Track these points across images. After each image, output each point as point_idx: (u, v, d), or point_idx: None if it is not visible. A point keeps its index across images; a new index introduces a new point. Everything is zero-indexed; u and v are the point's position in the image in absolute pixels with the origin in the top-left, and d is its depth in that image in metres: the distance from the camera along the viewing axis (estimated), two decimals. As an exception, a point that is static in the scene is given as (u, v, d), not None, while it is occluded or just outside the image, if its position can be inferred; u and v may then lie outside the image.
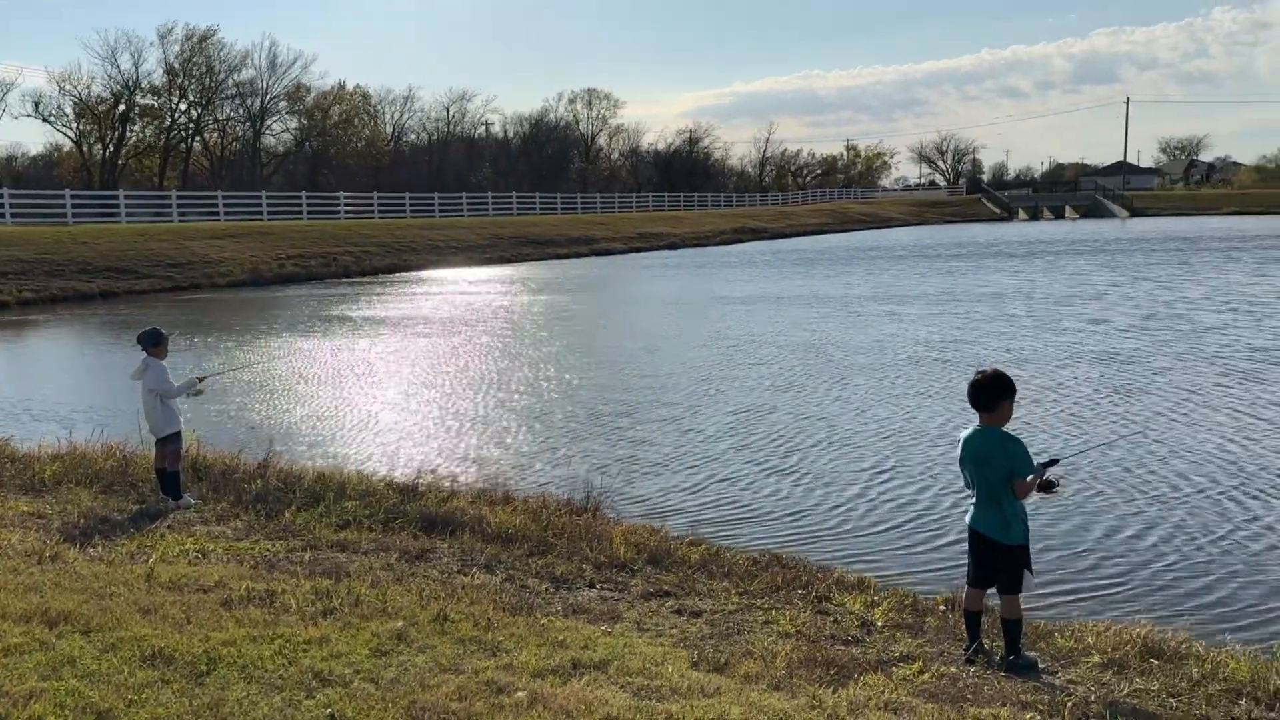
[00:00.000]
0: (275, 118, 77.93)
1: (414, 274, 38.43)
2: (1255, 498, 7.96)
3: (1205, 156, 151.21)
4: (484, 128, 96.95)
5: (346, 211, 50.75)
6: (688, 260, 44.70)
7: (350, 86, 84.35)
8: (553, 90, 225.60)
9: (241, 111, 75.52)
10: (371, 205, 52.37)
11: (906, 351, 15.95)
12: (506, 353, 17.13)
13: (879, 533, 7.49)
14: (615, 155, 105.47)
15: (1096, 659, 4.71)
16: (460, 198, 59.30)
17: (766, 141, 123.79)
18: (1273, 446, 9.48)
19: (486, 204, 60.86)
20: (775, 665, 4.43)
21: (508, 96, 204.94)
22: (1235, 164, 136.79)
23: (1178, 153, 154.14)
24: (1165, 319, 19.05)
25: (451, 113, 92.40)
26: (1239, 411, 11.01)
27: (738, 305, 24.03)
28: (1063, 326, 18.45)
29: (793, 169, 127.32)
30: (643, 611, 5.34)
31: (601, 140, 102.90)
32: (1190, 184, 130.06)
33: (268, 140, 78.77)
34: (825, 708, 3.96)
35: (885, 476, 8.92)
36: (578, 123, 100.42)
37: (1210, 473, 8.68)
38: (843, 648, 4.83)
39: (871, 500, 8.26)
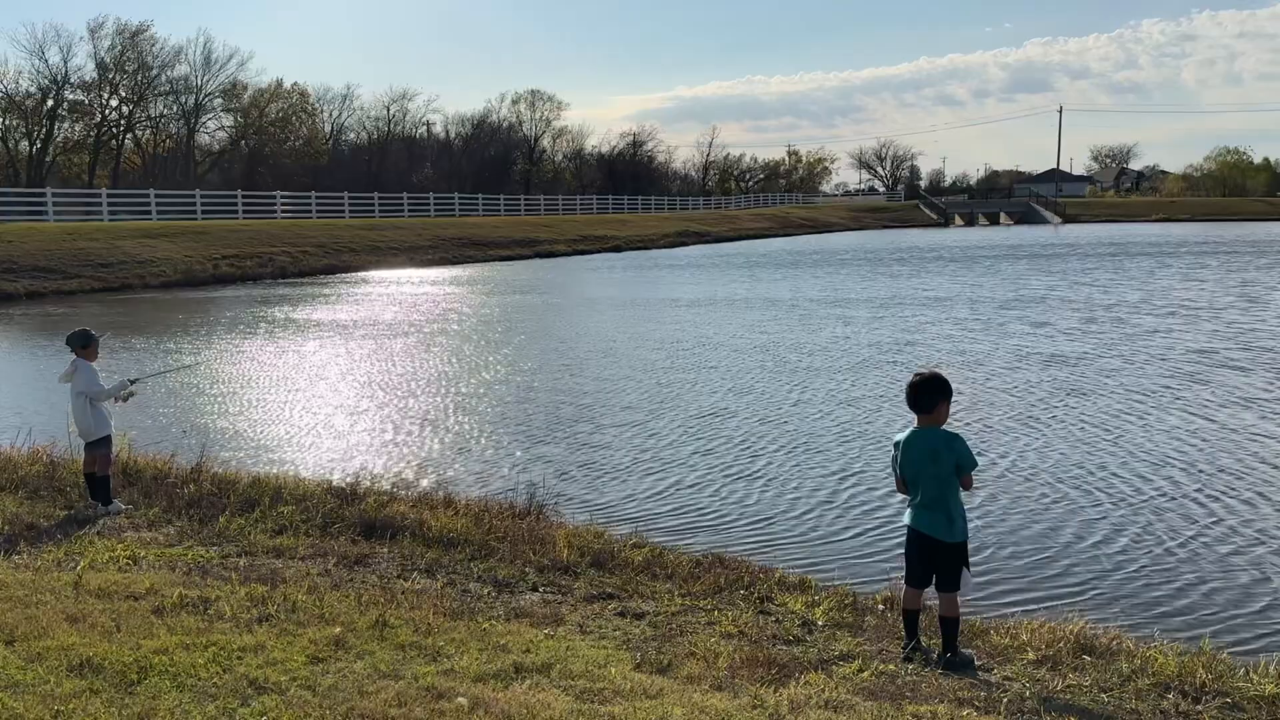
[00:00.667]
0: (210, 115, 76.44)
1: (353, 275, 37.93)
2: (1185, 498, 8.18)
3: (1135, 165, 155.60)
4: (425, 128, 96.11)
5: (284, 211, 49.91)
6: (633, 263, 44.77)
7: (288, 84, 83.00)
8: (495, 91, 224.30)
9: (175, 109, 73.93)
10: (309, 205, 51.57)
11: (856, 354, 16.14)
12: (449, 356, 16.98)
13: (821, 533, 7.56)
14: (559, 157, 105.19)
15: (1031, 656, 4.80)
16: (401, 198, 58.66)
17: (709, 145, 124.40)
18: (1203, 449, 9.77)
19: (428, 205, 60.28)
20: (718, 666, 4.45)
21: (450, 96, 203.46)
22: (1163, 172, 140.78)
23: (1109, 161, 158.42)
24: (1106, 322, 19.57)
25: (392, 112, 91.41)
26: (1173, 413, 11.32)
27: (689, 308, 24.12)
28: (1009, 329, 18.85)
29: (735, 173, 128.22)
30: (586, 614, 5.32)
31: (545, 142, 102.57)
32: (1120, 191, 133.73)
33: (202, 138, 77.23)
34: (767, 707, 3.98)
35: (829, 477, 9.02)
36: (521, 124, 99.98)
37: (1142, 474, 8.91)
38: (784, 647, 4.87)
39: (814, 501, 8.34)
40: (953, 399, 4.81)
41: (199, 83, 73.48)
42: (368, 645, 4.53)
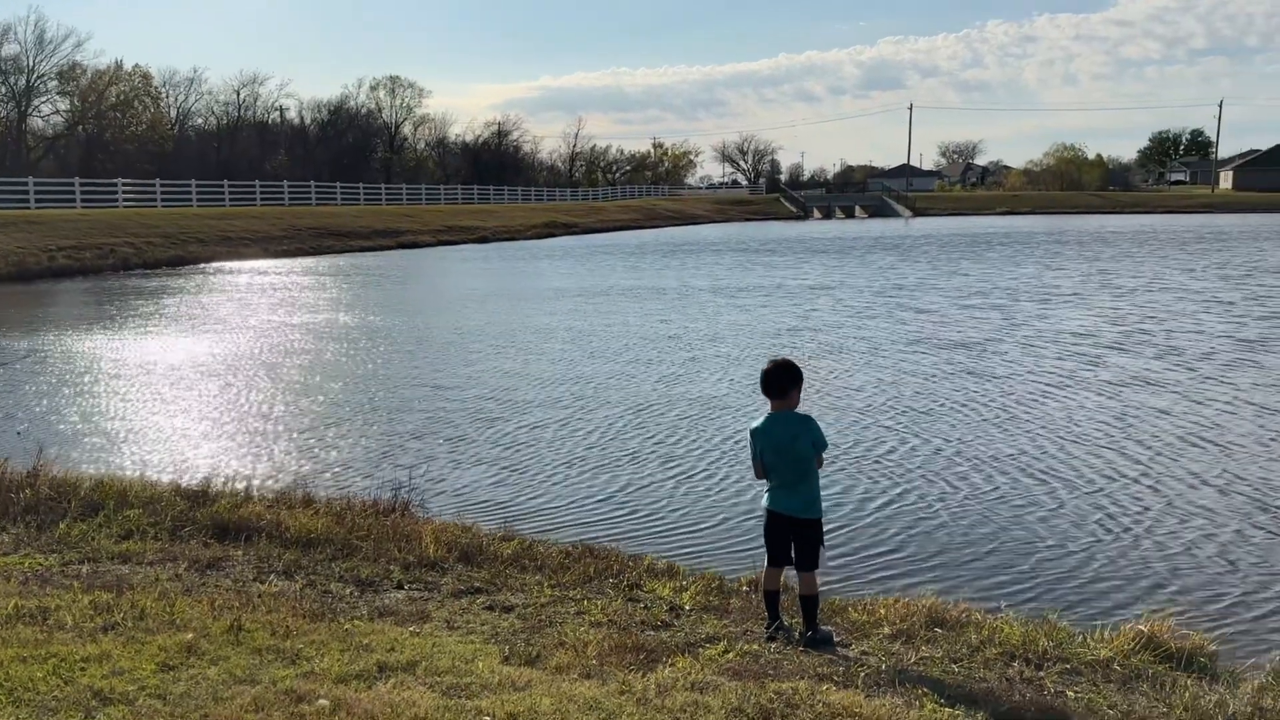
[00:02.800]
0: (44, 98, 71.77)
1: (203, 266, 36.28)
2: (1031, 477, 8.66)
3: (980, 160, 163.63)
4: (278, 113, 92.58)
5: (126, 200, 47.24)
6: (502, 254, 44.33)
7: (129, 66, 78.63)
8: (353, 76, 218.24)
9: (4, 91, 69.01)
10: (154, 193, 48.98)
11: (743, 341, 16.42)
12: (308, 351, 16.45)
13: (690, 520, 7.67)
14: (421, 146, 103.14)
15: (887, 630, 5.00)
16: (253, 186, 56.33)
17: (576, 137, 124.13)
18: (1056, 431, 10.34)
19: (283, 193, 58.07)
20: (586, 654, 4.46)
21: (304, 81, 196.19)
22: (1006, 167, 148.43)
23: (956, 156, 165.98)
24: (985, 309, 20.62)
25: (242, 96, 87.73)
26: (1034, 397, 11.94)
27: (572, 299, 24.01)
28: (896, 316, 19.69)
29: (602, 165, 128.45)
30: (453, 610, 5.25)
31: (406, 130, 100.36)
32: (967, 186, 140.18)
33: (35, 122, 72.40)
34: (635, 692, 4.02)
35: (699, 465, 9.15)
36: (381, 111, 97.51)
37: (994, 455, 9.38)
38: (652, 633, 4.92)
39: (684, 489, 8.46)
40: (804, 384, 4.96)
41: (30, 63, 68.92)
42: (222, 651, 4.35)
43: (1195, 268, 30.52)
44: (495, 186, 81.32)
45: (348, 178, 70.62)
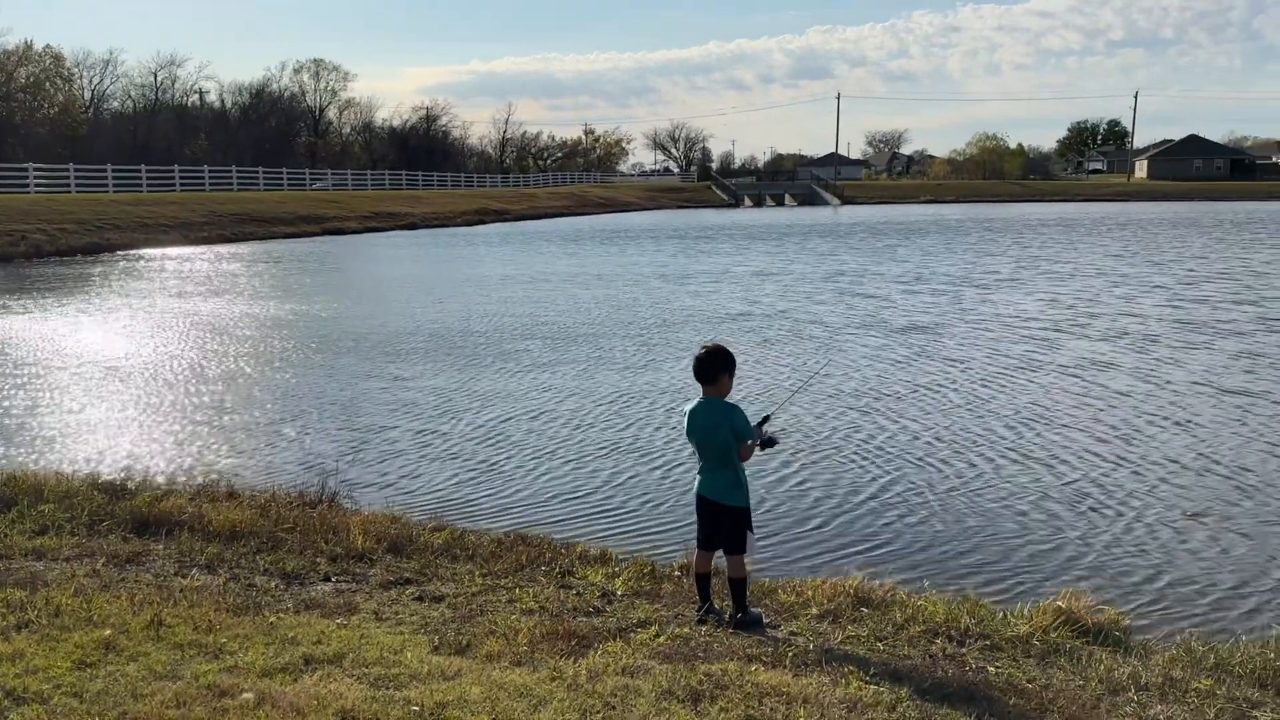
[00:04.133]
0: (-54, 78, 68.77)
1: (121, 254, 35.16)
2: (958, 460, 8.85)
3: (906, 149, 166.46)
4: (198, 96, 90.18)
5: (38, 185, 45.53)
6: (435, 241, 43.79)
7: (39, 46, 75.80)
8: (275, 59, 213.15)
9: (-98, 69, 66.03)
10: (68, 178, 47.31)
11: (694, 326, 16.45)
12: (233, 339, 16.07)
13: (623, 506, 7.69)
14: (347, 130, 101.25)
15: (815, 611, 5.08)
16: (172, 171, 54.70)
17: (506, 122, 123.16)
18: (983, 414, 10.58)
19: (203, 178, 56.51)
20: (518, 642, 4.45)
21: (225, 64, 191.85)
22: (931, 157, 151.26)
23: (882, 145, 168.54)
24: (925, 294, 21.02)
25: (160, 79, 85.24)
26: (966, 381, 12.18)
27: (511, 286, 23.80)
28: (845, 301, 20.14)
29: (533, 151, 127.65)
30: (382, 601, 5.20)
31: (331, 114, 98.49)
32: (893, 175, 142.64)
33: (-63, 104, 69.36)
34: (566, 678, 4.03)
35: (633, 451, 9.17)
36: (305, 95, 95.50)
37: (922, 436, 9.57)
38: (584, 619, 4.93)
39: (617, 475, 8.47)
40: (736, 371, 5.00)
41: (-69, 42, 65.87)
42: (142, 647, 4.24)
43: (1123, 254, 31.71)
44: (424, 172, 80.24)
45: (271, 163, 68.99)
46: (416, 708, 3.68)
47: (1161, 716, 3.92)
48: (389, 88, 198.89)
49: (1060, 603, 5.07)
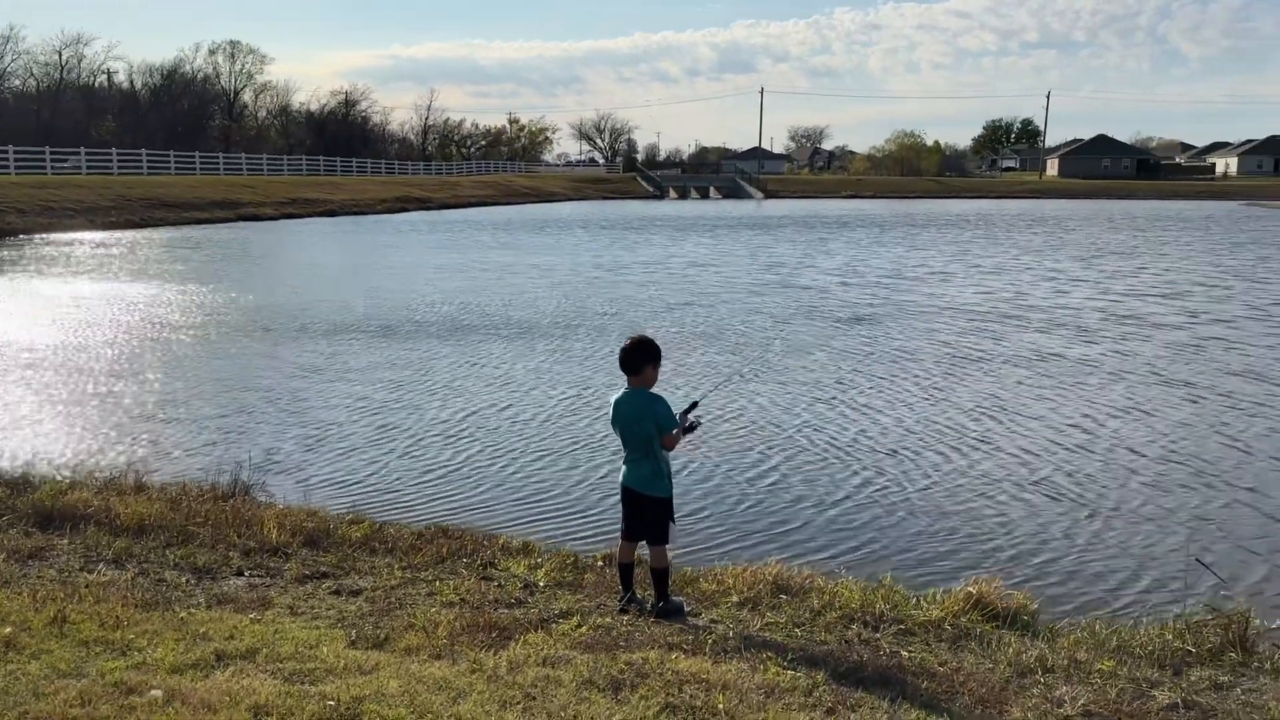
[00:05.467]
0: None
1: (23, 238, 33.73)
2: (872, 450, 9.02)
3: (827, 145, 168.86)
4: (106, 76, 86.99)
5: (-68, 165, 43.49)
6: (359, 228, 42.95)
7: (-67, 20, 72.18)
8: (189, 40, 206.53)
9: None
10: (-35, 159, 45.26)
11: (630, 317, 16.41)
12: (145, 329, 15.56)
13: (546, 497, 7.68)
14: (263, 114, 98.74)
15: (735, 598, 5.14)
16: (78, 153, 52.64)
17: (429, 109, 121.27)
18: (905, 403, 10.79)
19: (111, 161, 54.52)
20: (437, 635, 4.41)
21: (134, 43, 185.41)
22: (852, 152, 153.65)
23: (804, 141, 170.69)
24: (857, 287, 21.27)
25: (65, 57, 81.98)
26: (889, 373, 12.40)
27: (443, 274, 23.46)
28: (787, 290, 20.56)
29: (456, 139, 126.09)
30: (297, 595, 5.10)
31: (246, 97, 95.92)
32: (815, 170, 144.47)
33: None
34: (485, 670, 4.01)
35: (556, 442, 9.14)
36: (219, 77, 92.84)
37: (843, 428, 9.73)
38: (506, 611, 4.90)
39: (541, 466, 8.44)
40: (661, 363, 5.02)
41: None
42: (44, 644, 4.09)
43: (1044, 248, 32.84)
44: (343, 159, 78.63)
45: (183, 146, 66.89)
46: (332, 702, 3.62)
47: (1066, 697, 4.06)
48: (307, 71, 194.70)
49: (971, 588, 5.21)
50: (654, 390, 4.92)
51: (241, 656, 4.06)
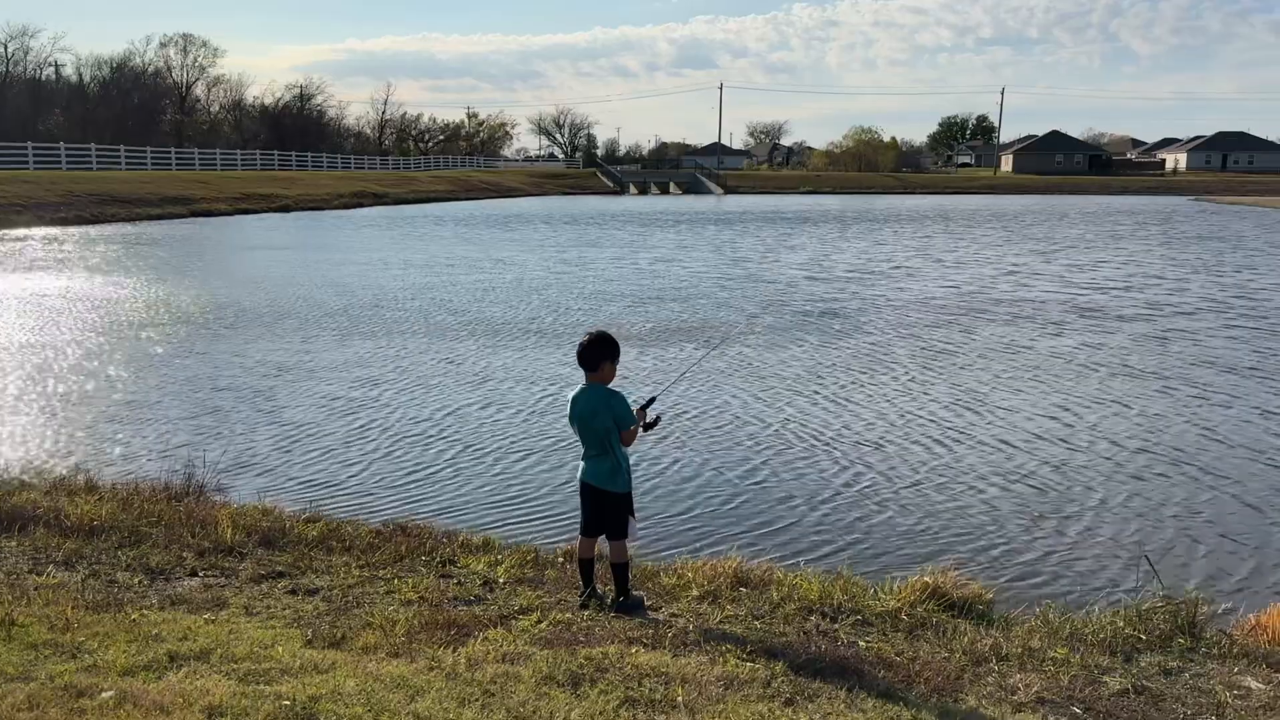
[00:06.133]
0: None
1: (-32, 235, 32.96)
2: (831, 442, 9.09)
3: (786, 141, 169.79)
4: (53, 69, 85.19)
5: (-128, 159, 42.30)
6: (315, 224, 42.42)
7: None
8: (139, 32, 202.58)
9: None
10: (-93, 153, 44.08)
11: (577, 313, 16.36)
12: (92, 325, 15.26)
13: (506, 493, 7.64)
14: (216, 108, 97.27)
15: (695, 592, 5.16)
16: (25, 148, 51.43)
17: (385, 103, 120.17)
18: (863, 397, 10.88)
19: (59, 156, 53.41)
20: (395, 633, 4.38)
21: (82, 35, 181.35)
22: (810, 148, 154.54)
23: (763, 136, 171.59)
24: (829, 280, 21.29)
25: (10, 50, 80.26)
26: (849, 368, 12.49)
27: (422, 270, 23.24)
28: (753, 284, 20.42)
29: (414, 133, 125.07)
30: (252, 595, 5.03)
31: (199, 91, 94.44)
32: (774, 166, 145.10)
33: None
34: (444, 667, 3.98)
35: (516, 437, 9.10)
36: (171, 70, 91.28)
37: (807, 422, 9.79)
38: (465, 608, 4.88)
39: (500, 461, 8.40)
40: (619, 359, 5.02)
41: None
42: (-10, 650, 4.00)
43: (1004, 243, 33.36)
44: (298, 153, 77.70)
45: (134, 141, 65.66)
46: (288, 702, 3.58)
47: (1020, 685, 4.12)
48: (261, 65, 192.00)
49: (928, 578, 5.27)
50: (612, 386, 4.92)
51: (195, 657, 4.01)
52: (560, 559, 5.75)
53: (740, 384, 11.37)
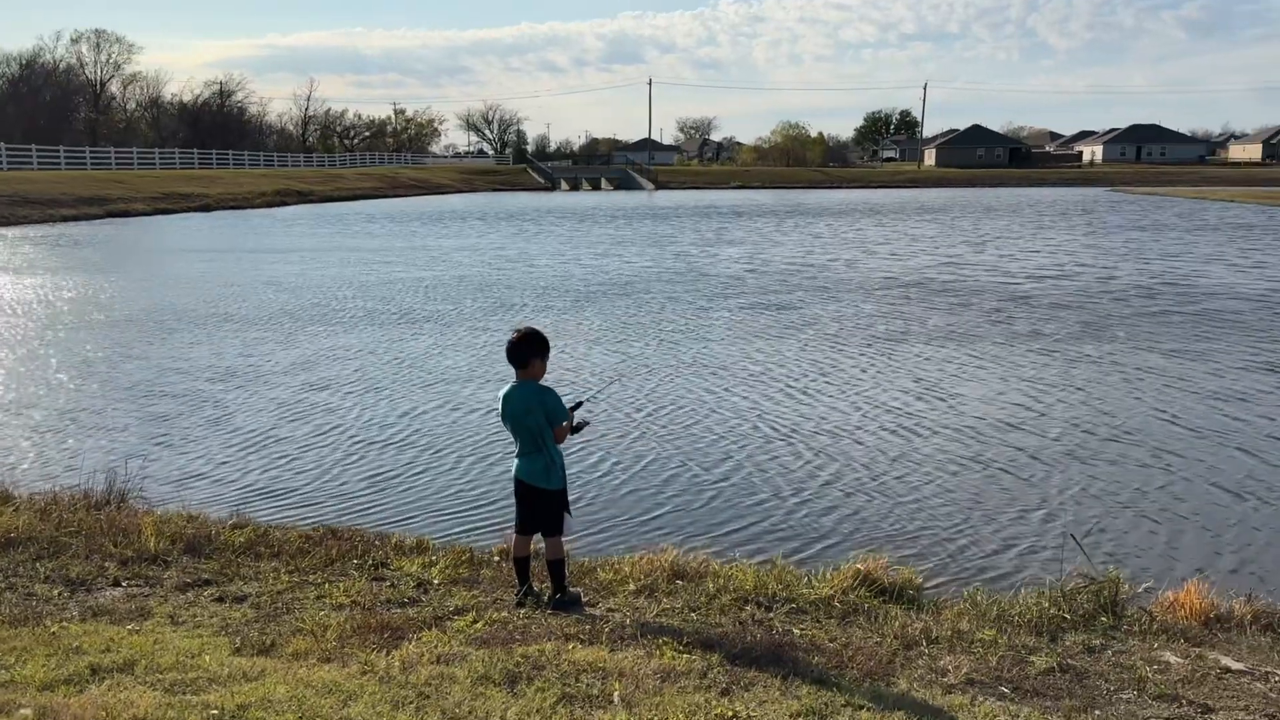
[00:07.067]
0: None
1: None
2: (765, 435, 9.17)
3: (715, 136, 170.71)
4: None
5: None
6: (239, 223, 41.40)
7: None
8: (49, 28, 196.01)
9: None
10: None
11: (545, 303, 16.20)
12: (8, 330, 14.71)
13: (440, 493, 7.56)
14: (132, 106, 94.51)
15: (632, 586, 5.17)
16: (-70, 148, 49.55)
17: (308, 99, 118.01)
18: (799, 390, 10.98)
19: (-34, 156, 51.48)
20: (326, 638, 4.31)
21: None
22: (739, 143, 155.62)
23: (694, 132, 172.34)
24: (770, 275, 21.37)
25: (-88, 45, 76.76)
26: (783, 360, 12.59)
27: (355, 264, 22.79)
28: (694, 278, 20.16)
29: (339, 130, 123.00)
30: (178, 604, 4.91)
31: (114, 88, 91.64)
32: (704, 161, 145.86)
33: None
34: (378, 671, 3.93)
35: (448, 435, 9.01)
36: (84, 67, 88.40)
37: (743, 414, 9.85)
38: (399, 610, 4.82)
39: (433, 461, 8.31)
40: (550, 355, 4.99)
41: None
42: (-102, 670, 3.84)
43: (936, 235, 34.06)
44: (219, 151, 75.90)
45: (45, 140, 63.48)
46: (216, 711, 3.50)
47: (950, 667, 4.21)
48: (178, 61, 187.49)
49: (859, 565, 5.35)
50: (543, 383, 4.90)
51: (119, 669, 3.89)
52: (496, 558, 5.71)
53: (676, 378, 11.41)
